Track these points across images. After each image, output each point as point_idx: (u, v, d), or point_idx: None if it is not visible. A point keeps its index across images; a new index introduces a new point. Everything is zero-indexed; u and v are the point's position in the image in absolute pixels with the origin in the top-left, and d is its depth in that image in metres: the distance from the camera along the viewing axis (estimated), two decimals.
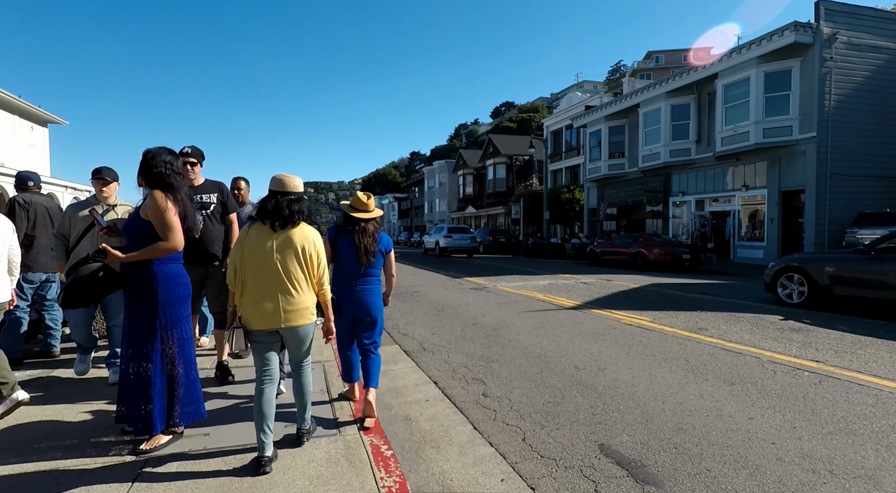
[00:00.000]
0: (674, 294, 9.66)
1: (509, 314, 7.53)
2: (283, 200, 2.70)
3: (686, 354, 4.93)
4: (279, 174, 2.78)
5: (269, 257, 2.62)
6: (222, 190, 4.10)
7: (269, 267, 2.62)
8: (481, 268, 17.43)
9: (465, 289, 11.00)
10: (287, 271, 2.63)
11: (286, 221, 2.67)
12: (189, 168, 3.78)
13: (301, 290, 2.67)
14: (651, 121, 22.99)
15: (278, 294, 2.61)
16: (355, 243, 3.31)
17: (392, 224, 77.61)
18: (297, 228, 2.71)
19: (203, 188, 3.99)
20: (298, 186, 2.80)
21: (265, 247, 2.63)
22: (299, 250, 2.67)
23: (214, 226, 3.99)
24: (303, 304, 2.67)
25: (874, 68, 16.89)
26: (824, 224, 16.43)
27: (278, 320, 2.62)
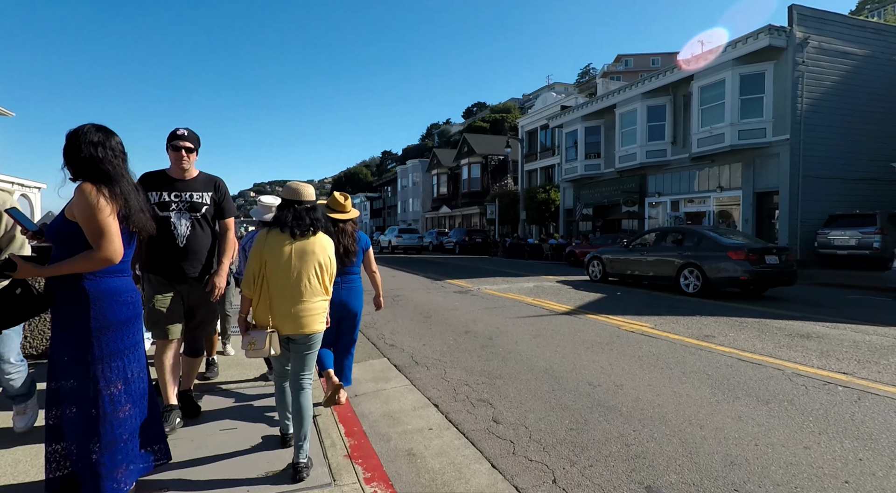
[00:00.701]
0: (665, 296, 9.42)
1: (502, 321, 7.07)
2: (300, 209, 2.73)
3: (704, 366, 4.56)
4: (293, 183, 2.82)
5: (290, 264, 2.65)
6: (218, 187, 3.26)
7: (290, 274, 2.65)
8: (461, 269, 16.96)
9: (449, 292, 10.49)
10: (308, 278, 2.69)
11: (306, 230, 2.70)
12: (183, 155, 3.06)
13: (319, 295, 2.74)
14: (627, 121, 23.06)
15: (299, 300, 2.66)
16: (336, 244, 3.26)
17: (364, 224, 76.41)
18: (317, 236, 2.76)
19: (195, 184, 3.17)
20: (311, 195, 2.84)
21: (286, 254, 2.66)
22: (319, 257, 2.73)
23: (205, 232, 3.18)
24: (320, 309, 2.75)
25: (842, 73, 17.30)
26: (797, 225, 16.71)
27: (298, 326, 2.65)
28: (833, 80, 17.17)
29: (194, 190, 3.14)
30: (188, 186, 3.14)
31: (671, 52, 75.48)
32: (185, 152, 3.07)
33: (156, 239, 2.74)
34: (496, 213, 34.25)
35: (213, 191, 3.22)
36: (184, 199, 3.09)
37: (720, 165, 19.30)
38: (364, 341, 6.08)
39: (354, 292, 3.67)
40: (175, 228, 3.07)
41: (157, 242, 2.89)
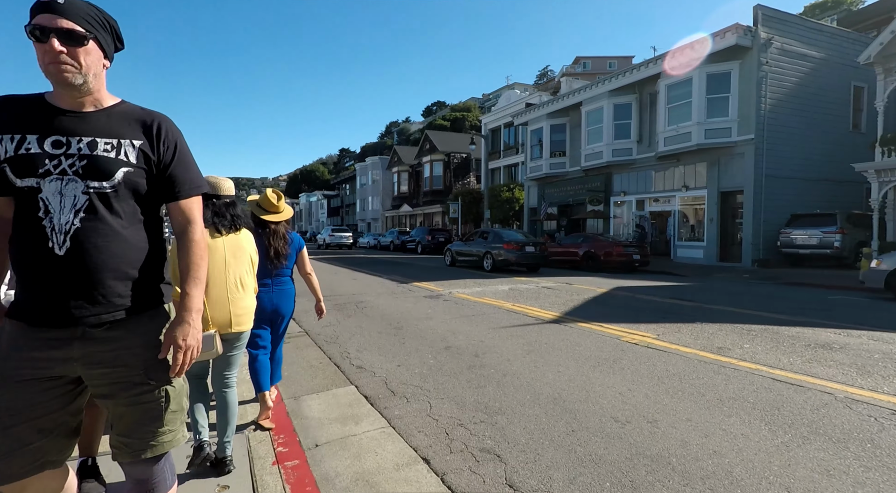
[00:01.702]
0: (652, 300, 8.84)
1: (485, 332, 6.19)
2: (219, 204, 2.64)
3: (740, 390, 3.84)
4: (210, 177, 2.66)
5: (223, 261, 2.58)
6: (159, 132, 1.58)
7: (225, 271, 2.58)
8: (428, 271, 16.01)
9: (418, 297, 9.53)
10: (237, 276, 2.63)
11: (229, 226, 2.63)
12: (56, 49, 1.38)
13: (247, 294, 2.68)
14: (593, 119, 22.81)
15: (229, 299, 2.58)
16: (265, 246, 3.26)
17: (321, 222, 73.95)
18: (242, 233, 2.71)
19: (101, 122, 1.51)
20: (230, 189, 2.73)
21: (219, 250, 2.57)
22: (247, 254, 2.69)
23: (120, 226, 1.49)
24: (250, 308, 2.69)
25: (801, 75, 17.60)
26: (760, 224, 16.83)
27: (228, 325, 2.57)
28: (793, 82, 17.43)
29: (99, 134, 1.48)
30: (84, 124, 1.48)
31: (627, 56, 77.57)
32: (62, 43, 1.38)
33: (14, 239, 1.46)
34: (459, 212, 33.48)
35: (143, 138, 1.55)
36: (73, 151, 1.45)
37: (685, 165, 19.30)
38: (325, 363, 5.04)
39: (286, 294, 3.53)
40: (48, 214, 1.41)
41: (16, 244, 1.45)
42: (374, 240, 36.61)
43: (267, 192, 3.35)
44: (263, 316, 3.33)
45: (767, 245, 16.74)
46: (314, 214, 79.43)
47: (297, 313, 7.91)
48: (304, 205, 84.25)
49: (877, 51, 14.14)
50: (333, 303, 8.93)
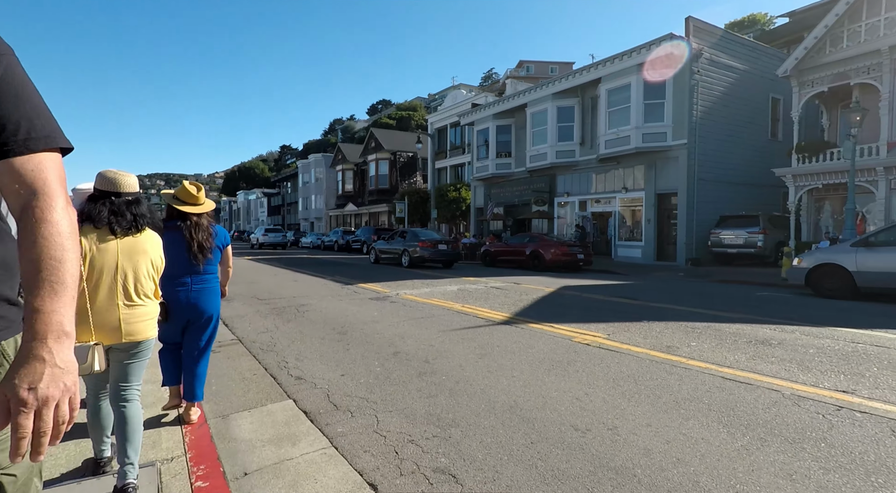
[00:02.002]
0: (598, 299, 8.94)
1: (435, 336, 5.91)
2: (119, 202, 2.40)
3: (693, 391, 3.80)
4: (108, 171, 2.45)
5: (116, 264, 2.34)
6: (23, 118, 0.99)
7: (118, 275, 2.34)
8: (374, 271, 15.53)
9: (363, 299, 9.11)
10: (134, 281, 2.39)
11: (129, 227, 2.39)
12: None
13: (146, 301, 2.46)
14: (538, 121, 23.21)
15: (119, 306, 2.34)
16: (187, 240, 3.10)
17: (261, 221, 70.84)
18: (144, 234, 2.47)
19: None
20: (133, 186, 2.49)
21: (111, 253, 2.33)
22: (149, 257, 2.47)
23: None
24: (148, 315, 2.46)
25: (727, 86, 18.76)
26: (693, 225, 17.76)
27: (119, 335, 2.32)
28: (720, 91, 18.53)
29: None
30: None
31: (568, 62, 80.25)
32: None
33: None
34: (405, 211, 33.06)
35: None
36: None
37: (625, 167, 20.04)
38: (260, 374, 4.57)
39: (208, 293, 3.27)
40: None
41: None
42: (318, 240, 35.42)
43: (185, 184, 3.19)
44: (178, 316, 3.13)
45: (699, 245, 17.69)
46: (253, 212, 75.96)
47: (231, 318, 7.29)
48: (242, 203, 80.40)
49: (792, 65, 15.28)
50: (272, 307, 8.34)
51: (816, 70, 15.12)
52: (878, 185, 13.83)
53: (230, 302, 8.95)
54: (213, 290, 3.32)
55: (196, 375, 3.31)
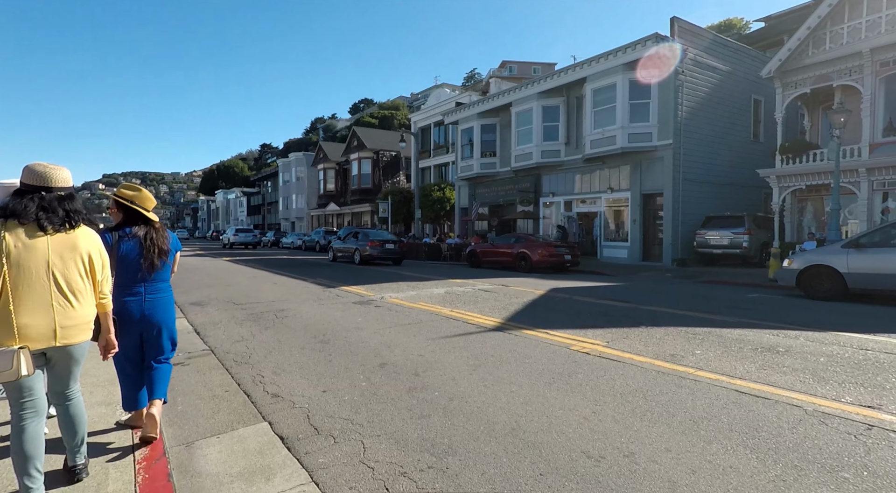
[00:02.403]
0: (590, 302, 8.68)
1: (424, 344, 5.54)
2: (50, 197, 2.25)
3: (709, 407, 3.50)
4: (37, 165, 2.27)
5: (45, 263, 2.19)
6: None
7: (47, 275, 2.19)
8: (356, 273, 15.06)
9: (346, 303, 8.67)
10: (67, 280, 2.24)
11: (61, 224, 2.24)
12: None
13: (82, 301, 2.31)
14: (523, 120, 22.98)
15: (53, 307, 2.19)
16: (145, 246, 2.93)
17: (240, 222, 69.39)
18: (79, 231, 2.32)
19: None
20: (67, 180, 2.34)
21: (40, 251, 2.17)
22: (84, 256, 2.32)
23: None
24: (84, 318, 2.32)
25: (711, 86, 18.80)
26: (679, 225, 17.73)
27: (51, 338, 2.18)
28: (704, 92, 18.55)
29: None
30: None
31: (550, 63, 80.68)
32: None
33: None
34: (389, 211, 32.55)
35: None
36: None
37: (611, 168, 19.94)
38: (233, 391, 4.13)
39: (163, 302, 3.13)
40: None
41: None
42: (299, 240, 34.67)
43: (136, 185, 3.09)
44: (130, 328, 2.96)
45: (684, 245, 17.67)
46: (233, 212, 74.38)
47: (204, 326, 6.79)
48: (221, 202, 78.69)
49: (776, 66, 15.33)
50: (249, 312, 7.85)
51: (799, 72, 15.20)
52: (861, 186, 13.94)
53: (204, 307, 8.43)
54: (168, 299, 3.19)
55: (160, 376, 3.17)
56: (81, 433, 2.46)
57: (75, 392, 2.45)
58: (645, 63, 17.81)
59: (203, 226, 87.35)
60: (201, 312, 8.02)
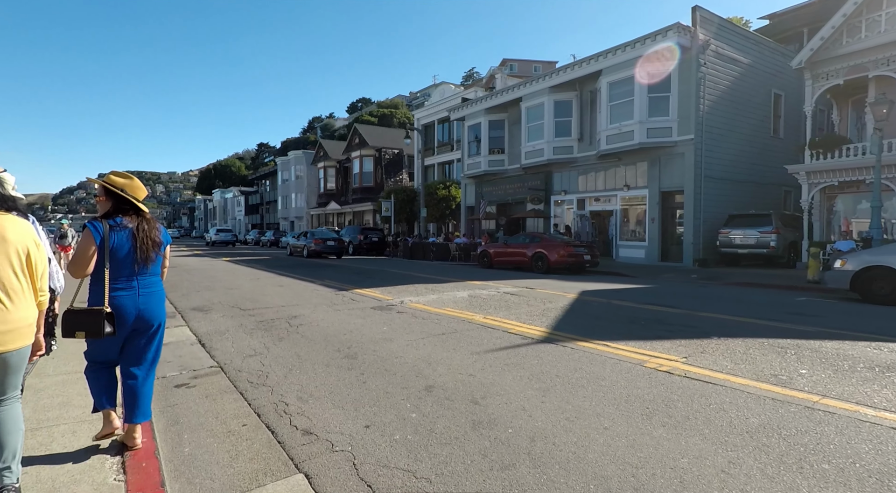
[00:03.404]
0: (633, 307, 7.90)
1: (470, 360, 4.75)
2: None
3: (885, 458, 2.72)
4: None
5: None
6: None
7: None
8: (365, 274, 14.25)
9: (364, 308, 7.87)
10: (5, 276, 2.09)
11: None
12: None
13: (17, 303, 2.13)
14: (534, 116, 22.20)
15: None
16: (138, 237, 2.76)
17: (238, 221, 68.43)
18: (6, 222, 2.15)
19: None
20: None
21: None
22: (20, 249, 2.17)
23: None
24: (22, 321, 2.15)
25: (732, 80, 18.05)
26: (700, 224, 16.99)
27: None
28: (725, 85, 17.81)
29: None
30: None
31: (551, 61, 80.00)
32: None
33: None
34: (392, 210, 31.71)
35: None
36: None
37: (627, 164, 19.18)
38: (253, 424, 3.32)
39: (156, 298, 2.90)
40: None
41: None
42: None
43: (127, 174, 2.89)
44: (123, 326, 2.75)
45: (706, 245, 16.93)
46: (230, 211, 73.37)
47: (209, 336, 5.98)
48: (218, 202, 77.68)
49: (807, 56, 14.60)
50: (258, 320, 7.05)
51: (832, 62, 14.47)
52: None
53: (207, 313, 7.62)
54: (160, 294, 2.98)
55: (143, 394, 2.89)
56: (12, 446, 2.19)
57: (11, 398, 2.23)
58: (665, 54, 17.07)
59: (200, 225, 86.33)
60: (205, 319, 7.20)
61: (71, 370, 4.39)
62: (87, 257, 2.62)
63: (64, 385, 4.04)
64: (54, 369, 4.43)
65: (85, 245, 2.63)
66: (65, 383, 4.08)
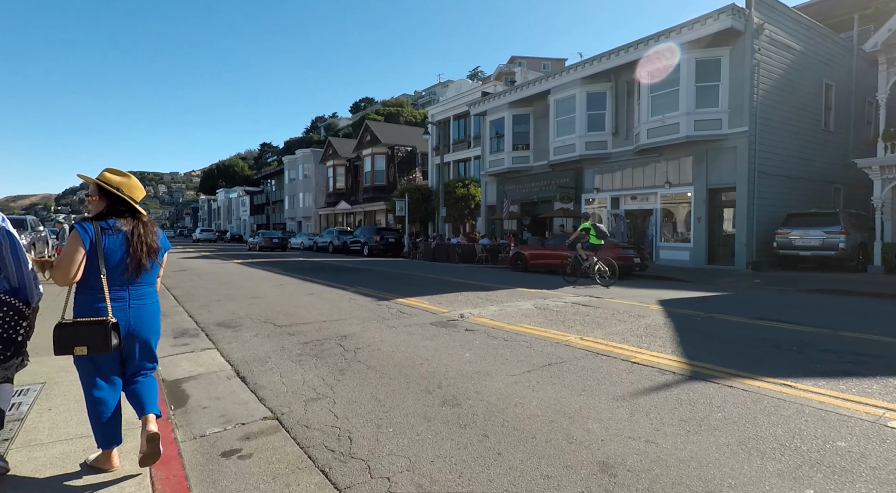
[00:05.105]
0: (746, 324, 6.59)
1: (618, 410, 3.45)
2: None
3: None
4: None
5: None
6: None
7: None
8: (397, 279, 12.96)
9: (423, 325, 6.58)
10: None
11: None
12: None
13: None
14: (564, 110, 20.90)
15: None
16: (132, 242, 2.49)
17: (243, 221, 67.24)
18: None
19: None
20: None
21: None
22: None
23: None
24: None
25: (784, 68, 16.71)
26: (753, 224, 15.67)
27: None
28: (778, 74, 16.48)
29: None
30: None
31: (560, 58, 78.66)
32: None
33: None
34: (406, 209, 30.42)
35: None
36: None
37: (668, 160, 17.85)
38: None
39: (149, 311, 2.61)
40: None
41: None
42: (310, 240, 32.53)
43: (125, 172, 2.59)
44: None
45: (760, 246, 15.60)
46: (235, 211, 72.17)
47: (248, 365, 4.70)
48: (222, 202, 76.56)
49: (884, 38, 13.29)
50: (300, 340, 5.77)
51: None
52: None
53: (237, 331, 6.34)
54: (154, 306, 2.65)
55: (148, 389, 2.61)
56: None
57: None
58: (713, 41, 15.76)
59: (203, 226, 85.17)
60: (236, 339, 5.92)
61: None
62: (73, 261, 2.34)
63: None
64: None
65: (72, 249, 2.36)
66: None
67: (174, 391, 4.14)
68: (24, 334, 2.55)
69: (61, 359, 4.52)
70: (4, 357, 2.40)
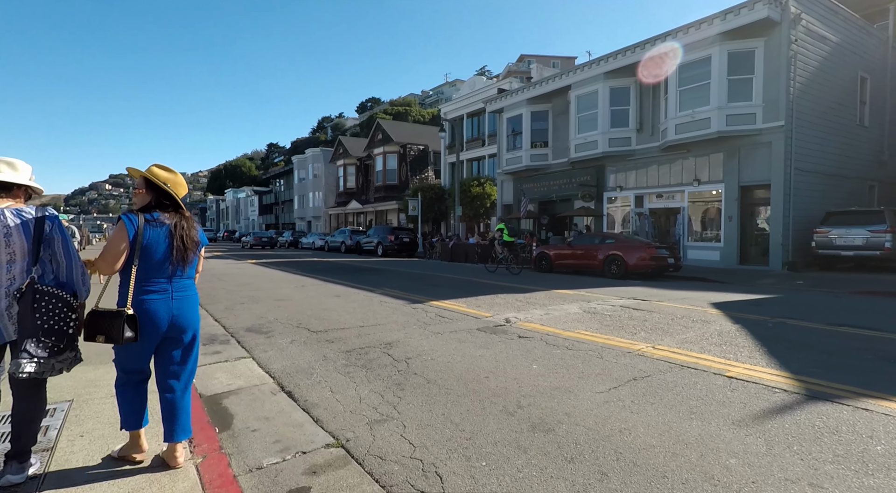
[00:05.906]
0: (826, 331, 6.01)
1: (747, 438, 2.91)
2: None
3: None
4: None
5: None
6: None
7: None
8: (422, 280, 12.44)
9: (470, 331, 6.05)
10: None
11: None
12: None
13: None
14: (585, 105, 20.29)
15: None
16: (176, 235, 2.51)
17: (251, 221, 67.03)
18: None
19: None
20: None
21: None
22: None
23: None
24: None
25: (820, 60, 16.04)
26: (789, 223, 15.01)
27: None
28: (814, 66, 15.80)
29: None
30: None
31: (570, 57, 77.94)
32: None
33: None
34: (419, 208, 29.93)
35: None
36: None
37: (697, 156, 17.21)
38: None
39: (190, 302, 2.62)
40: None
41: None
42: (322, 240, 32.10)
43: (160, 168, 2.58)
44: (153, 333, 2.45)
45: (797, 246, 14.94)
46: (243, 211, 72.01)
47: (292, 377, 4.17)
48: (231, 202, 76.45)
49: None
50: (342, 348, 5.26)
51: None
52: None
53: (270, 337, 5.85)
54: (194, 298, 2.66)
55: (181, 408, 2.58)
56: None
57: None
58: (746, 32, 15.13)
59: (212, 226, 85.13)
60: (270, 346, 5.43)
61: None
62: (117, 251, 2.35)
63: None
64: None
65: (117, 239, 2.36)
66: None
67: (215, 410, 3.63)
68: (75, 328, 2.43)
69: (89, 372, 4.08)
70: (58, 349, 2.31)
